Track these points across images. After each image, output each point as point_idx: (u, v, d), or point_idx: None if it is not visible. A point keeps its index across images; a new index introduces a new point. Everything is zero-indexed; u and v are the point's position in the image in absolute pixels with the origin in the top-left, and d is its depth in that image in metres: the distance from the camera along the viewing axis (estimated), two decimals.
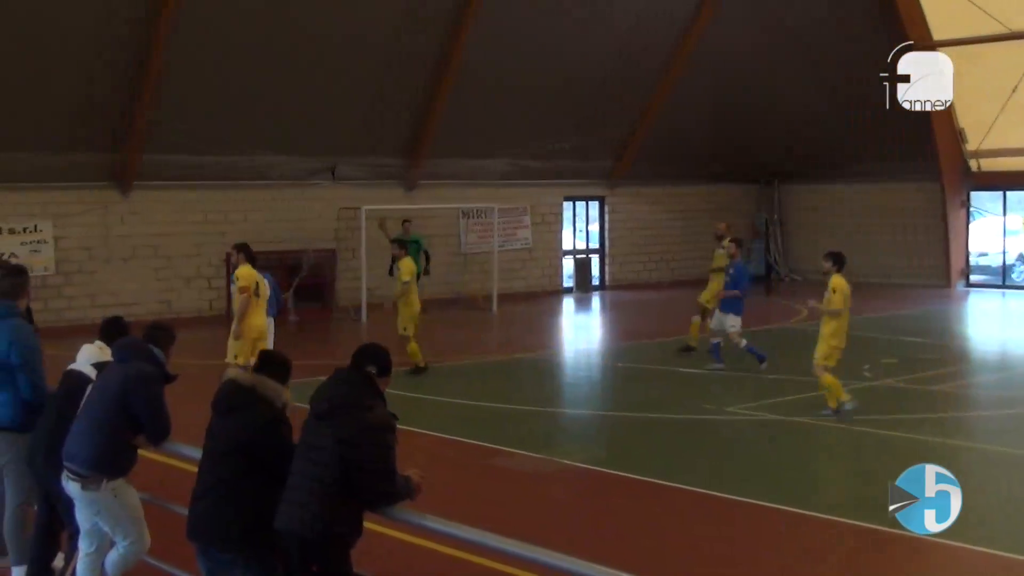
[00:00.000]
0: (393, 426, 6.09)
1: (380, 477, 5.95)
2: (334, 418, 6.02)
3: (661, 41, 28.13)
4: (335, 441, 5.94)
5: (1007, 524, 10.06)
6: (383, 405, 6.15)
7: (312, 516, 5.93)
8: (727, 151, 31.92)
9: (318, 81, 23.98)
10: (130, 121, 22.33)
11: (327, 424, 6.02)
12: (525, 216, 29.36)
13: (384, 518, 6.15)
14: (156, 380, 7.23)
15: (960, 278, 30.91)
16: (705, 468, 12.17)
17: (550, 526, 9.84)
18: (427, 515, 5.90)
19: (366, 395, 6.13)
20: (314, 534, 5.95)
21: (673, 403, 14.86)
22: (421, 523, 5.92)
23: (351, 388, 6.14)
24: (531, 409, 15.22)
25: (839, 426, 13.53)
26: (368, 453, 5.92)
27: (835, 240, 32.85)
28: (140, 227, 23.61)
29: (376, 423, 6.02)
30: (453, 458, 12.47)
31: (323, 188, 25.80)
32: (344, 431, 5.96)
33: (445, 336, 22.94)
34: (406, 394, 14.68)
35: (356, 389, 6.13)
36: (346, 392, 6.12)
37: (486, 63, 25.76)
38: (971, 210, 31.32)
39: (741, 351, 17.55)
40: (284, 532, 6.06)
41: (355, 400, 6.06)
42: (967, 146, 30.19)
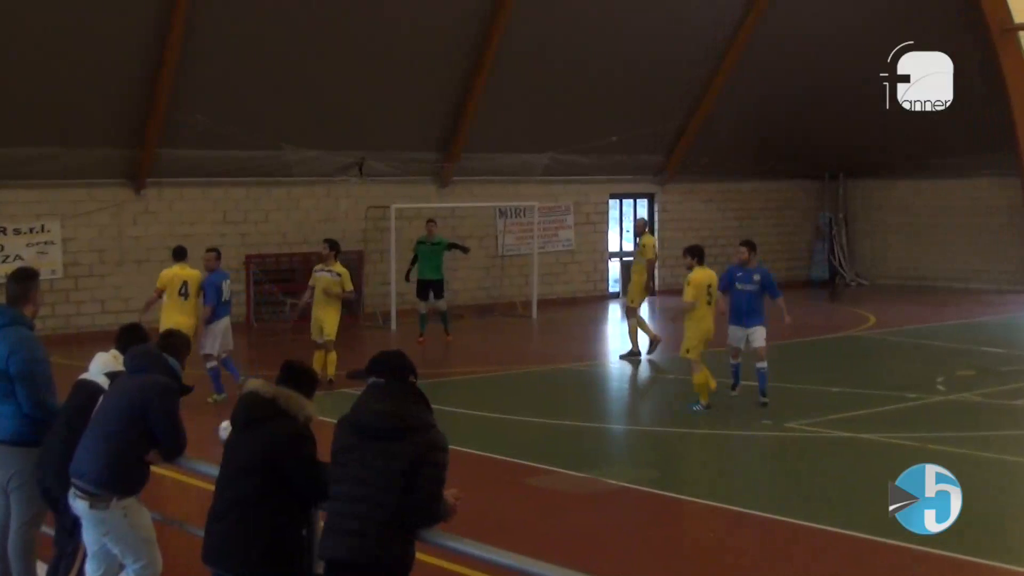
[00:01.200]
0: (447, 446, 6.05)
1: (431, 500, 5.91)
2: (393, 438, 5.92)
3: (716, 25, 27.99)
4: (394, 462, 5.85)
5: None
6: (435, 422, 6.10)
7: (373, 545, 5.84)
8: (787, 144, 31.72)
9: (345, 70, 24.03)
10: (145, 113, 22.49)
11: (383, 444, 5.91)
12: (568, 215, 29.32)
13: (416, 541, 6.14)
14: (171, 392, 7.25)
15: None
16: (762, 488, 12.09)
17: (594, 551, 9.81)
18: (463, 539, 5.88)
19: (419, 411, 6.07)
20: (381, 565, 5.87)
21: (727, 417, 14.77)
22: (456, 547, 5.91)
23: (407, 404, 6.06)
24: (573, 424, 15.19)
25: (907, 444, 13.42)
26: (429, 475, 5.88)
27: (906, 241, 32.71)
28: (154, 227, 23.76)
29: (440, 444, 5.98)
30: (489, 477, 12.44)
31: (350, 185, 25.88)
32: (405, 452, 5.87)
33: (481, 345, 22.94)
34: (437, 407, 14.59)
35: (411, 405, 6.06)
36: (403, 409, 6.02)
37: (527, 50, 25.72)
38: None
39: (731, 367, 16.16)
40: (338, 563, 5.95)
41: (414, 418, 6.00)
42: None
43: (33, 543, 8.09)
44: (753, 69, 28.98)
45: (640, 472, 12.74)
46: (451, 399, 16.35)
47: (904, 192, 32.94)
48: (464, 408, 16.25)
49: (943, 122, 30.37)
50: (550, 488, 11.92)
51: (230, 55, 22.77)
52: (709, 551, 10.20)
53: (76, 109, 21.92)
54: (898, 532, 10.35)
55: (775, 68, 29.38)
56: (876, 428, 14.25)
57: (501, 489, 11.99)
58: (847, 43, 29.22)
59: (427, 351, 20.81)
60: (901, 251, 32.99)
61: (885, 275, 33.09)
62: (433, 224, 22.93)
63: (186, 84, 22.45)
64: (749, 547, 10.30)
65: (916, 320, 24.39)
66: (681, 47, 27.77)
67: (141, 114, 22.51)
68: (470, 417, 15.78)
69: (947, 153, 30.88)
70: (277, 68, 23.36)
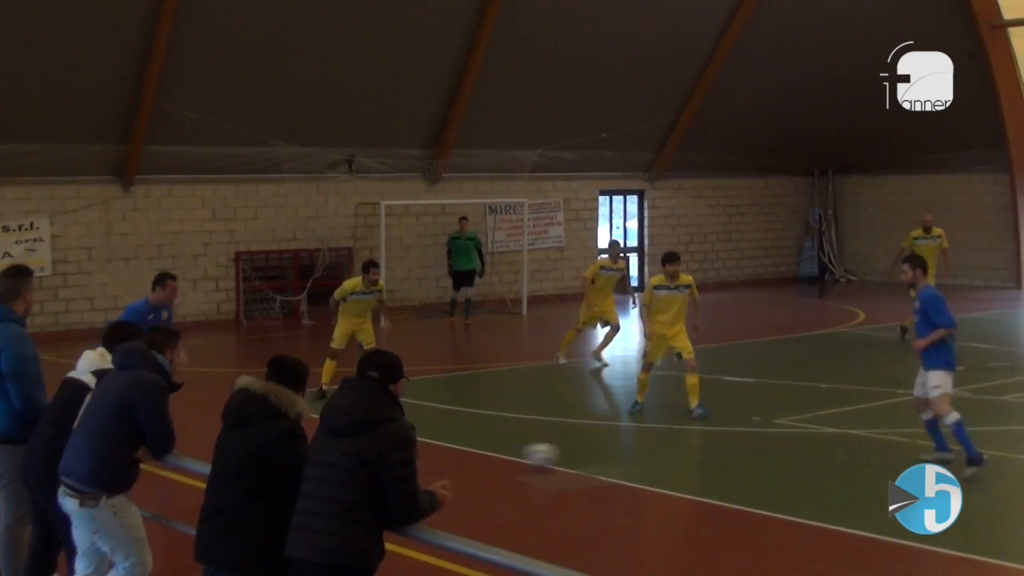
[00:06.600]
0: (415, 439, 6.09)
1: (404, 495, 5.94)
2: (354, 435, 5.98)
3: (707, 22, 28.00)
4: (356, 460, 5.92)
5: None
6: (403, 416, 6.15)
7: (333, 542, 5.90)
8: (777, 141, 31.77)
9: (335, 67, 23.99)
10: (134, 109, 22.42)
11: (346, 441, 5.99)
12: (558, 212, 29.33)
13: (406, 538, 6.15)
14: (160, 388, 7.25)
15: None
16: (751, 485, 12.11)
17: (584, 548, 9.83)
18: (452, 535, 5.91)
19: (386, 407, 6.11)
20: (336, 562, 5.91)
21: (717, 414, 14.79)
22: (445, 544, 5.93)
23: (369, 401, 6.12)
24: (563, 421, 15.19)
25: (896, 440, 13.45)
26: (391, 472, 5.91)
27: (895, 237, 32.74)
28: (143, 224, 23.71)
29: (400, 438, 6.01)
30: (480, 473, 12.46)
31: (340, 182, 25.85)
32: (366, 449, 5.93)
33: (471, 341, 22.95)
34: (427, 404, 14.70)
35: (374, 401, 6.12)
36: (364, 405, 6.09)
37: (516, 46, 25.71)
38: None
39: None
40: (298, 561, 6.01)
41: (376, 414, 6.05)
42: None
43: (23, 541, 8.09)
44: (743, 65, 29.00)
45: (628, 469, 12.75)
46: (441, 395, 16.37)
47: (893, 188, 32.99)
48: (453, 405, 16.28)
49: (933, 119, 30.32)
50: (541, 485, 11.92)
51: (219, 51, 22.72)
52: (698, 547, 10.22)
53: (64, 105, 21.85)
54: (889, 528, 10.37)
55: (764, 64, 29.40)
56: (865, 424, 14.28)
57: (492, 486, 12.01)
58: (837, 39, 29.26)
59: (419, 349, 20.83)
60: (890, 247, 32.96)
61: (874, 271, 33.13)
62: (466, 221, 25.13)
63: (175, 80, 22.39)
64: (738, 543, 10.32)
65: (905, 316, 24.35)
66: (671, 43, 27.77)
67: (130, 110, 22.43)
68: (459, 413, 15.80)
69: (937, 149, 30.94)
70: (266, 64, 23.31)
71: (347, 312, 16.11)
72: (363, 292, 16.11)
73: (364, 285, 16.09)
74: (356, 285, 16.18)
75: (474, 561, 6.30)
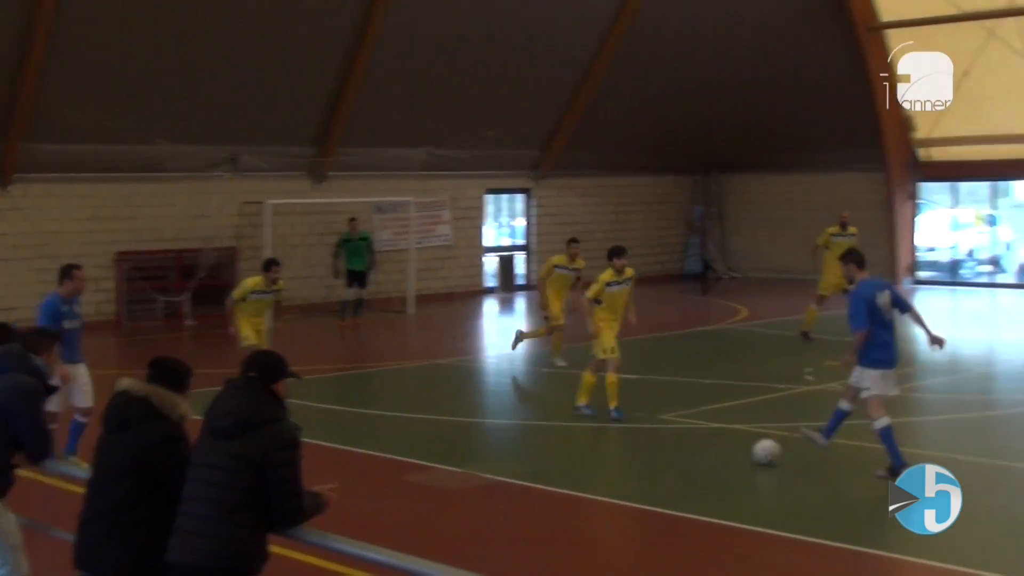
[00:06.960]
0: (299, 440, 6.07)
1: (288, 496, 5.92)
2: (239, 436, 5.93)
3: (591, 20, 28.25)
4: (241, 461, 5.88)
5: (956, 536, 10.23)
6: (288, 417, 6.12)
7: (216, 545, 5.84)
8: (661, 140, 32.19)
9: (218, 62, 23.74)
10: (10, 106, 21.95)
11: (231, 442, 5.95)
12: (445, 210, 29.35)
13: (290, 540, 6.12)
14: (36, 393, 7.14)
15: (907, 274, 31.46)
16: (634, 481, 12.26)
17: (471, 546, 9.87)
18: (338, 536, 5.89)
19: (271, 408, 6.08)
20: (220, 564, 5.86)
21: (602, 411, 14.93)
22: (331, 545, 5.91)
23: (253, 401, 6.08)
24: (450, 419, 15.22)
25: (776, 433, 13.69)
26: (275, 472, 5.88)
27: (777, 235, 33.37)
28: (21, 224, 23.21)
29: (284, 439, 5.98)
30: (366, 473, 12.45)
31: (223, 180, 25.55)
32: (250, 450, 5.89)
33: (357, 340, 22.87)
34: (314, 404, 14.62)
35: (259, 402, 6.08)
36: (249, 406, 6.05)
37: (403, 43, 25.69)
38: (919, 202, 31.91)
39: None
40: (180, 565, 5.94)
41: (261, 415, 6.01)
42: (915, 134, 30.76)
43: None
44: (627, 68, 29.33)
45: (515, 466, 12.81)
46: (326, 395, 16.28)
47: (776, 187, 33.62)
48: (340, 405, 16.22)
49: (813, 118, 31.16)
50: (428, 484, 11.94)
51: (100, 47, 22.33)
52: (583, 543, 10.31)
53: None
54: (764, 518, 10.62)
55: (650, 65, 29.76)
56: (747, 419, 14.53)
57: (379, 486, 12.00)
58: (720, 40, 29.73)
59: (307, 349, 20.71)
60: (772, 245, 33.64)
61: (757, 268, 33.74)
62: (355, 221, 24.19)
63: (54, 77, 21.95)
64: (622, 538, 10.44)
65: (787, 312, 24.87)
66: (556, 42, 27.98)
67: (6, 107, 21.95)
68: (346, 414, 15.74)
69: (817, 149, 31.62)
70: (148, 61, 22.98)
71: (245, 311, 15.76)
72: (263, 291, 15.80)
73: (264, 284, 15.78)
74: (256, 284, 15.84)
75: (360, 562, 6.28)
